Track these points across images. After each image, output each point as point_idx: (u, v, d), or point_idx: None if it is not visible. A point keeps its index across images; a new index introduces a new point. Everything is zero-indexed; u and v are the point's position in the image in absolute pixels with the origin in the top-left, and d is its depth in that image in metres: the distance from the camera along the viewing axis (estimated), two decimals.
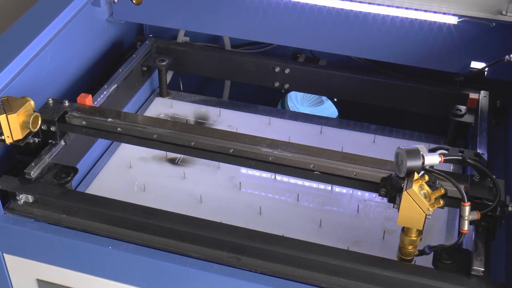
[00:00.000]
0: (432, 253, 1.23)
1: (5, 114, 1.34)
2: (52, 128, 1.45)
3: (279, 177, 1.62)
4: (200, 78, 2.23)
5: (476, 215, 1.17)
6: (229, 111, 1.86)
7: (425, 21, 1.62)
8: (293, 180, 1.61)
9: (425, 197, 1.14)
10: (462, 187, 1.17)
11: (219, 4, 1.79)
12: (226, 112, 1.86)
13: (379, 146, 1.73)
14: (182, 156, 1.67)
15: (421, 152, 1.16)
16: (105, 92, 1.67)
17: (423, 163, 1.16)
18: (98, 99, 1.64)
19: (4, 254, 1.43)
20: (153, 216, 1.34)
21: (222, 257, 1.27)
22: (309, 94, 2.19)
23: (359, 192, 1.57)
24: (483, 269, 1.19)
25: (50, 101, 1.49)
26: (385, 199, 1.27)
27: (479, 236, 1.24)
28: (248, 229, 1.31)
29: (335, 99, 2.05)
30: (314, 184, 1.59)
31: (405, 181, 1.16)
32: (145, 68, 1.86)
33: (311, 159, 1.34)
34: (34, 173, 1.41)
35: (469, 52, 1.65)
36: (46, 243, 1.38)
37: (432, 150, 1.25)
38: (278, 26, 1.76)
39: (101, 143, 1.70)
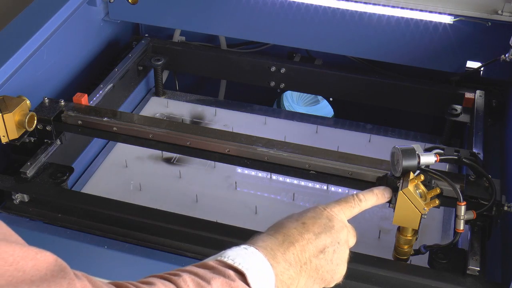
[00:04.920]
0: (428, 252, 1.23)
1: (0, 114, 1.34)
2: (48, 128, 1.45)
3: (274, 176, 1.61)
4: (196, 78, 2.23)
5: (471, 215, 1.17)
6: (224, 111, 1.86)
7: (421, 20, 1.63)
8: (288, 180, 1.61)
9: (421, 197, 1.14)
10: (457, 186, 1.17)
11: (215, 4, 1.79)
12: (222, 112, 1.85)
13: (375, 146, 1.73)
14: (178, 155, 1.67)
15: (416, 152, 1.16)
16: (100, 92, 1.67)
17: (419, 162, 1.16)
18: (94, 99, 1.64)
19: None
20: (149, 216, 1.33)
21: None
22: (305, 94, 2.19)
23: (354, 192, 1.56)
24: (478, 269, 1.19)
25: (46, 100, 1.49)
26: None
27: (475, 236, 1.24)
28: (244, 228, 1.30)
29: (331, 99, 2.05)
30: (310, 184, 1.59)
31: (401, 181, 1.15)
32: (141, 68, 1.86)
33: (307, 158, 1.34)
34: (30, 172, 1.41)
35: (465, 51, 1.65)
36: (42, 243, 1.37)
37: (427, 150, 1.25)
38: (274, 25, 1.76)
39: (96, 143, 1.69)
